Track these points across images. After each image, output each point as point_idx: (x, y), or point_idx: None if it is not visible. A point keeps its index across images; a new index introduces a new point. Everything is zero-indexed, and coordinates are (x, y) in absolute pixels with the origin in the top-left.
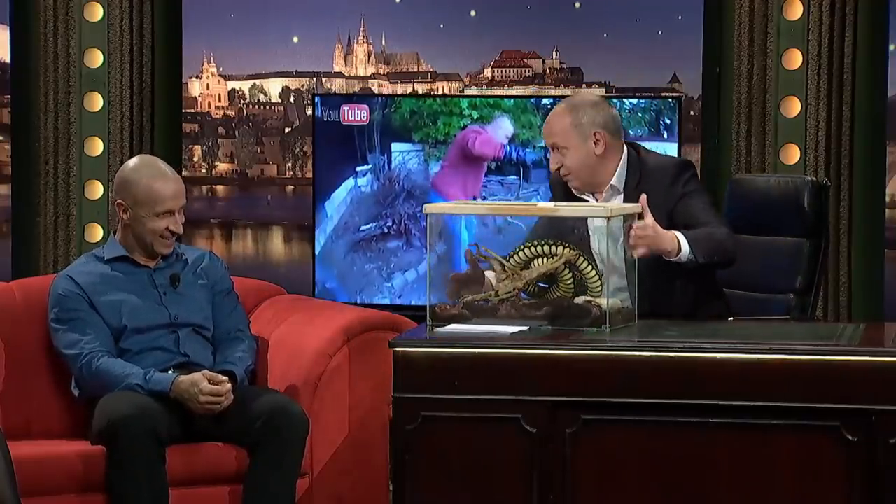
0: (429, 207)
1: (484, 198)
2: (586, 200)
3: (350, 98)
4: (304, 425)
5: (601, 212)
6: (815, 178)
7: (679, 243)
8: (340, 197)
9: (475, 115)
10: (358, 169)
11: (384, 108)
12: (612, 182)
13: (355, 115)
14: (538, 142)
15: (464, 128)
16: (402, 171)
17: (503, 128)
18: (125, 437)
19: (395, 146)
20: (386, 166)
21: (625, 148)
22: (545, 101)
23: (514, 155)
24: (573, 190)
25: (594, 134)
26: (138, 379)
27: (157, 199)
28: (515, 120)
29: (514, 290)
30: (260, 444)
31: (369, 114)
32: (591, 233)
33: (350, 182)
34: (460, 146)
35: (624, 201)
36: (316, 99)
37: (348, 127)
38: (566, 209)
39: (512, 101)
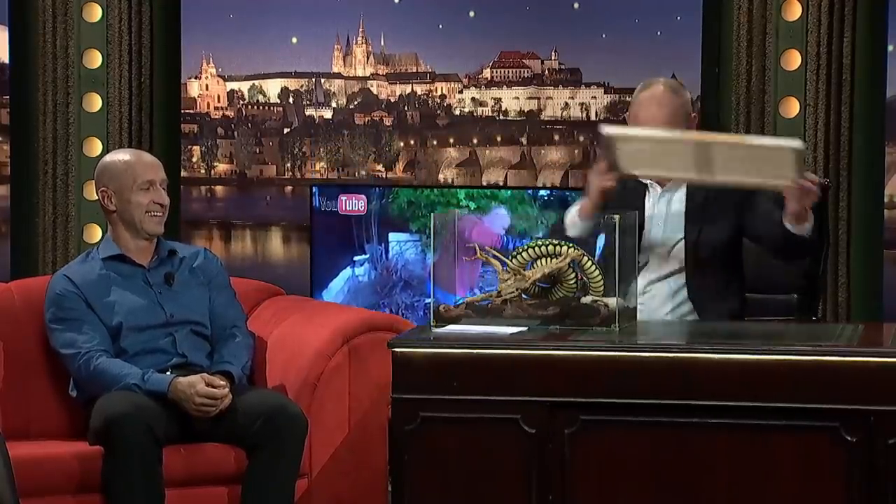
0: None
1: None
2: (647, 185)
3: (347, 188)
4: (303, 426)
5: (796, 144)
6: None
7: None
8: (338, 286)
9: (472, 205)
10: (355, 258)
11: (381, 199)
12: None
13: (353, 205)
14: (535, 233)
15: (461, 218)
16: (400, 260)
17: (500, 218)
18: (122, 436)
19: (393, 236)
20: (383, 256)
21: None
22: (542, 192)
23: (510, 246)
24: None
25: (693, 116)
26: (136, 379)
27: (136, 171)
28: (512, 211)
29: (517, 290)
30: (259, 445)
31: (367, 204)
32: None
33: (347, 272)
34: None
35: (686, 193)
36: (314, 189)
37: (346, 217)
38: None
39: (509, 192)
